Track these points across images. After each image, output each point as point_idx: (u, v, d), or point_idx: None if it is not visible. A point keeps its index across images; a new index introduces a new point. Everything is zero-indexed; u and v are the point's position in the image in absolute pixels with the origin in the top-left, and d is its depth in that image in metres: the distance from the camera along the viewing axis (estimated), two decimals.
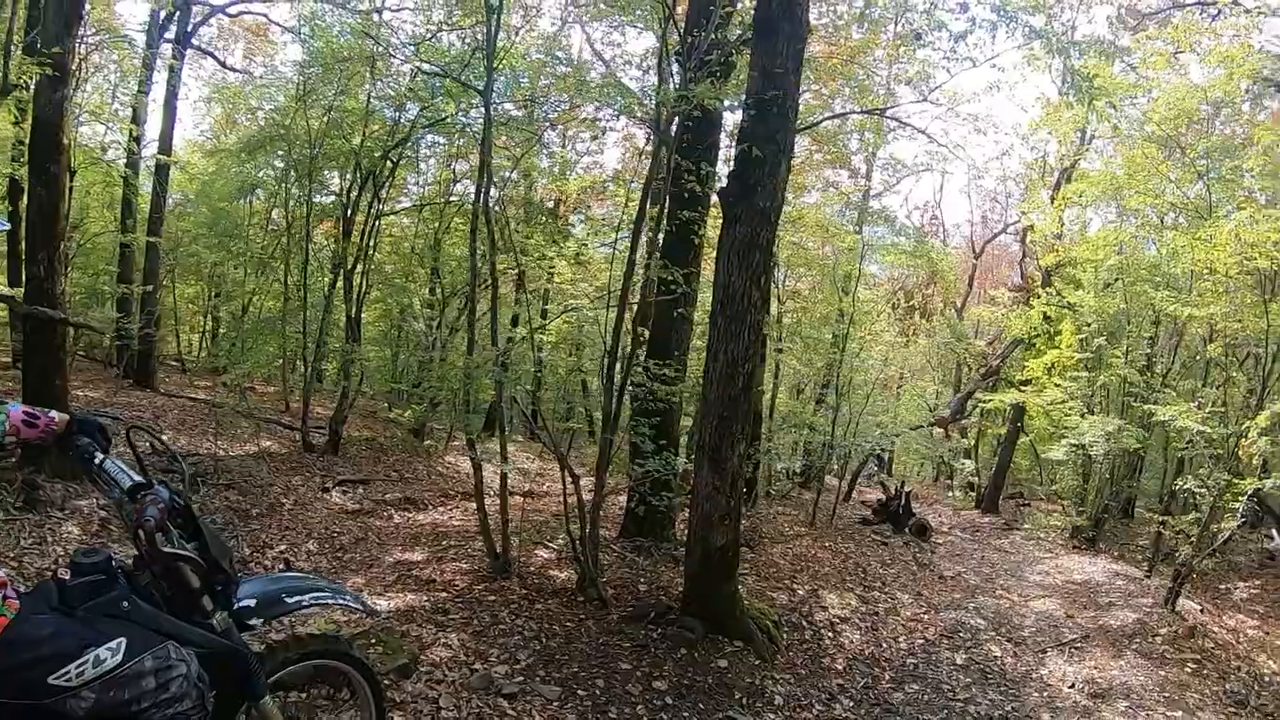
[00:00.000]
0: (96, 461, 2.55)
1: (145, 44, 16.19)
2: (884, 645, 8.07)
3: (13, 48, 7.68)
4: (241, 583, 2.70)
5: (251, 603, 2.68)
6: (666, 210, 7.58)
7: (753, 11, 6.91)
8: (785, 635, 7.52)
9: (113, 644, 2.12)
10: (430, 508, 10.72)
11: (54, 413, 2.57)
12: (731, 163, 6.56)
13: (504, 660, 5.82)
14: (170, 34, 16.34)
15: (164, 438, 10.39)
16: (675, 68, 7.71)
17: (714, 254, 7.68)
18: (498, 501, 7.65)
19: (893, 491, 15.92)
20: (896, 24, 12.94)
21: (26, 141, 10.10)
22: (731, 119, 9.22)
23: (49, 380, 7.92)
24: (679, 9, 9.07)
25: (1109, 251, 15.90)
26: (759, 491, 13.92)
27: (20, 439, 2.51)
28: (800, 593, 9.14)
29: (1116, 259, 15.89)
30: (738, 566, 6.93)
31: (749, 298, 5.99)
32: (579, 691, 5.57)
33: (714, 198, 8.14)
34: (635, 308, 7.51)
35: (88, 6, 10.69)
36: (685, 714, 5.66)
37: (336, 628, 5.60)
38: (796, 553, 11.32)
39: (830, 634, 8.03)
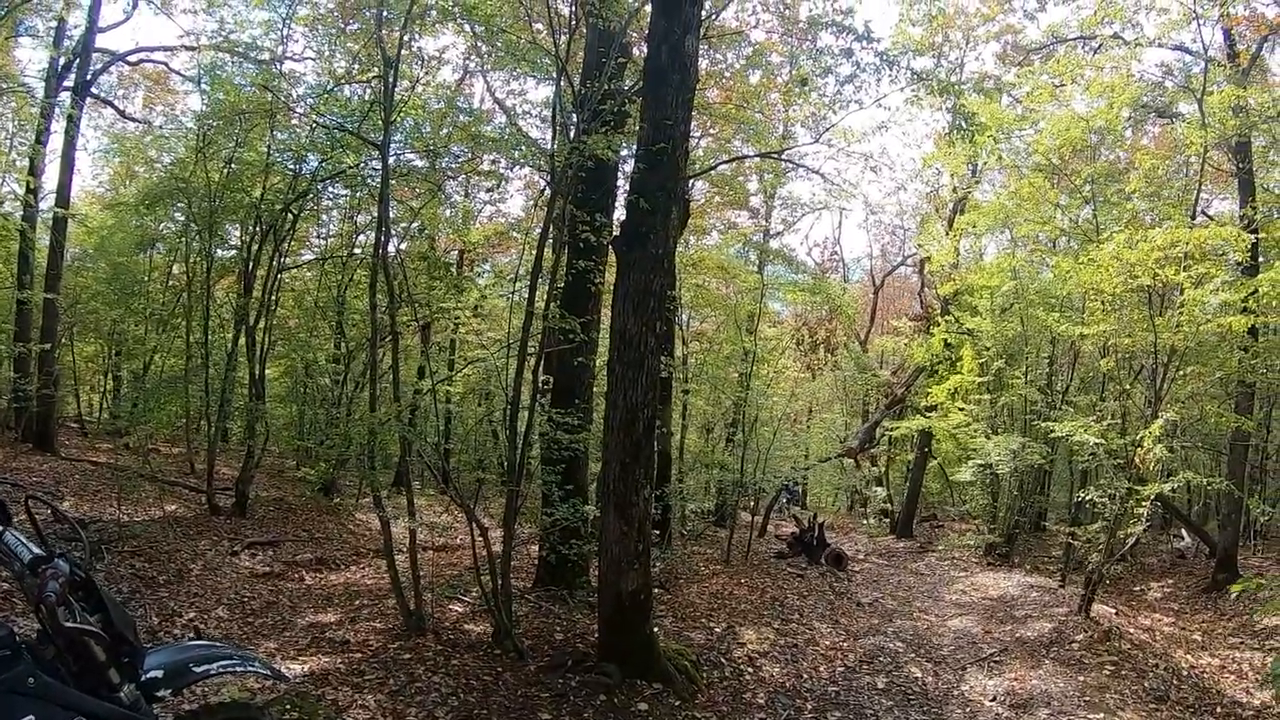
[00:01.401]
0: None
1: (44, 92, 15.66)
2: (804, 676, 8.13)
3: None
4: (148, 653, 2.64)
5: (159, 674, 2.63)
6: (564, 259, 7.65)
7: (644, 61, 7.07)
8: (705, 674, 7.54)
9: None
10: (342, 567, 10.52)
11: None
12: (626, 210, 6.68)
13: (422, 718, 5.74)
14: (69, 82, 15.85)
15: (63, 506, 10.00)
16: (573, 117, 7.84)
17: (611, 300, 7.78)
18: (410, 558, 7.55)
19: (806, 524, 16.17)
20: (791, 68, 13.35)
21: None
22: (629, 165, 9.39)
23: None
24: (576, 57, 9.23)
25: (1004, 278, 16.56)
26: (672, 532, 13.99)
27: None
28: (718, 630, 9.20)
29: (1011, 284, 16.55)
30: (652, 609, 6.96)
31: (645, 344, 6.07)
32: None
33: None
34: (536, 357, 7.53)
35: None
36: None
37: (250, 695, 5.47)
38: (712, 591, 11.39)
39: (750, 669, 8.08)
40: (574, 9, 8.26)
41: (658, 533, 11.65)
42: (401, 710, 5.82)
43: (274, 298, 13.58)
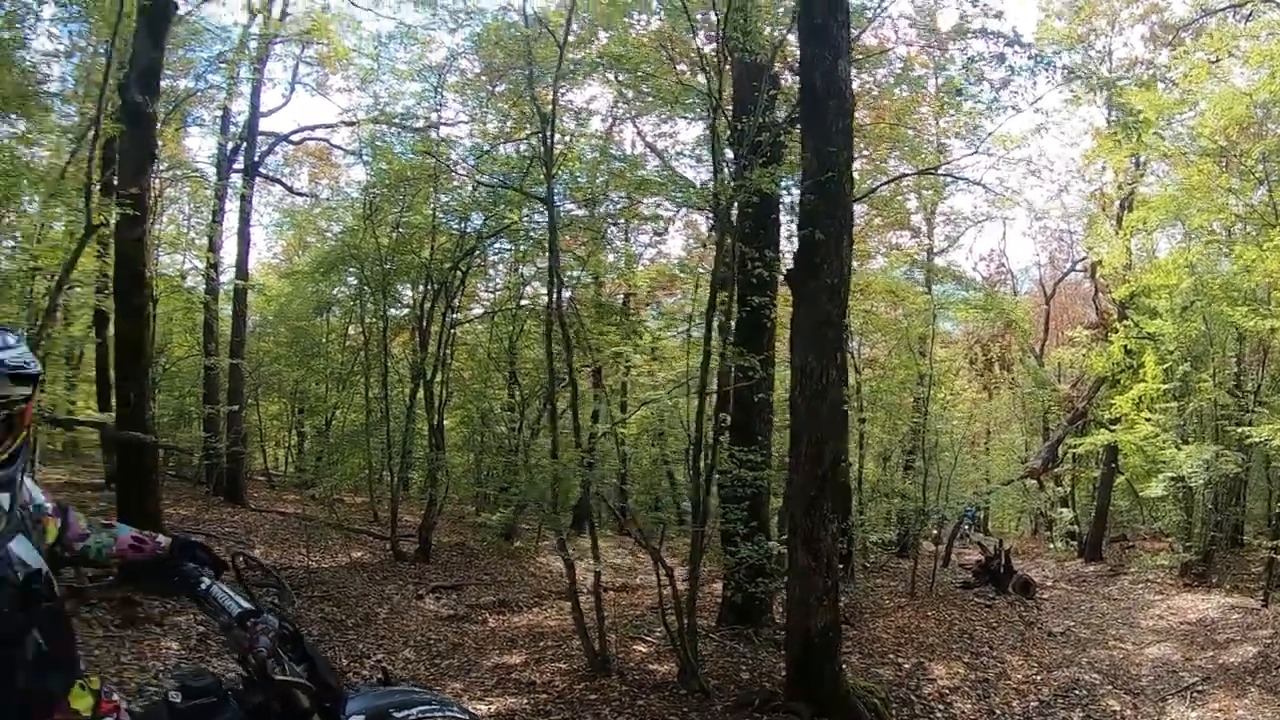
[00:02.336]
0: (203, 586, 2.57)
1: (216, 175, 17.30)
2: (997, 712, 7.74)
3: (93, 188, 8.25)
4: (349, 699, 2.74)
5: (360, 719, 2.64)
6: (736, 296, 7.68)
7: (797, 90, 7.05)
8: (894, 711, 7.26)
9: None
10: (524, 609, 10.75)
11: (161, 537, 2.62)
12: (794, 240, 6.65)
13: None
14: (239, 164, 17.39)
15: (255, 553, 10.64)
16: (728, 154, 7.89)
17: (785, 334, 7.72)
18: (591, 599, 7.64)
19: (991, 551, 15.42)
20: (936, 79, 13.06)
21: (110, 274, 10.83)
22: (788, 196, 9.35)
23: (143, 502, 8.35)
24: (724, 93, 9.31)
25: (1181, 274, 15.52)
26: (855, 566, 13.61)
27: (125, 561, 2.56)
28: (906, 666, 8.89)
29: (1190, 281, 15.48)
30: (840, 646, 6.80)
31: (826, 376, 6.02)
32: None
33: (780, 278, 8.22)
34: (717, 395, 7.56)
35: (159, 144, 11.47)
36: None
37: None
38: (899, 625, 11.03)
39: (941, 706, 7.76)
40: (719, 45, 8.33)
41: (841, 566, 11.41)
42: None
43: (449, 351, 14.31)
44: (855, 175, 13.48)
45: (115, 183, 9.01)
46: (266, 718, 2.31)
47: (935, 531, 17.91)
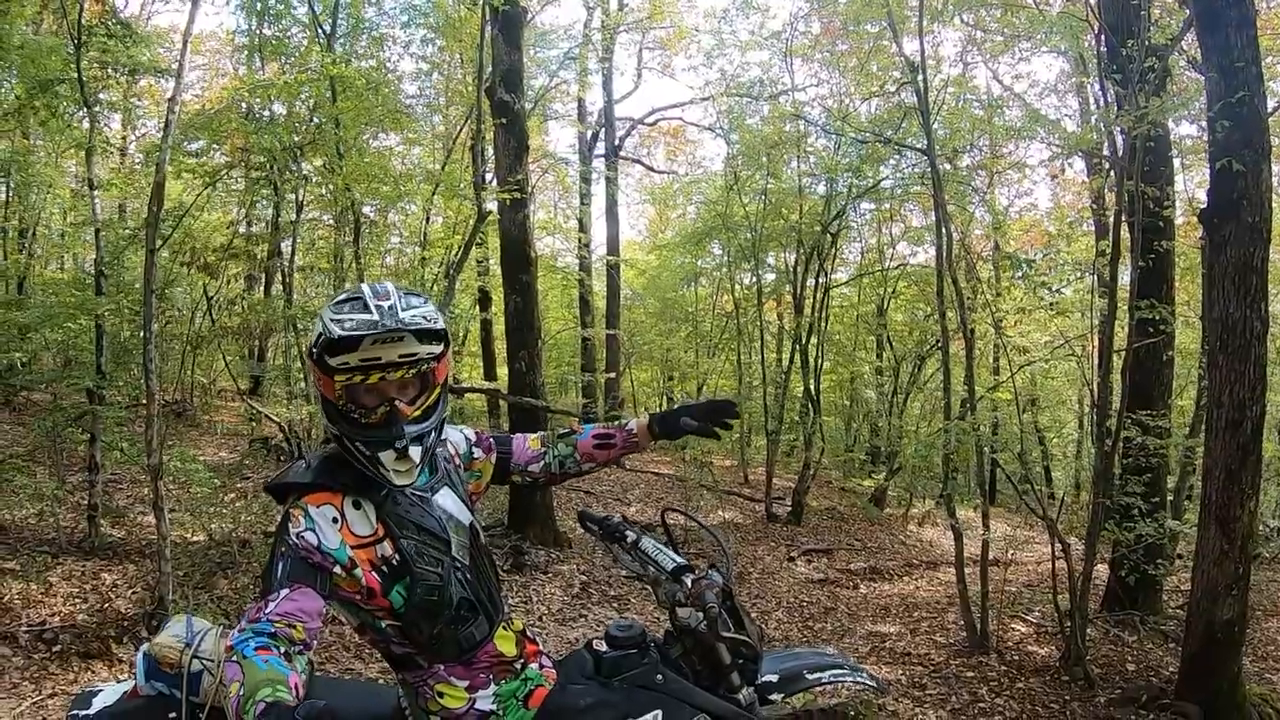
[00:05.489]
0: (631, 538, 2.65)
1: (579, 161, 18.97)
2: None
3: (480, 181, 9.24)
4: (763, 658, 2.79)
5: (774, 678, 2.69)
6: (1140, 242, 6.94)
7: (1191, 6, 6.17)
8: None
9: (648, 716, 2.23)
10: (896, 578, 10.53)
11: (631, 422, 2.64)
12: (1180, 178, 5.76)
13: None
14: (599, 150, 18.99)
15: (630, 511, 11.37)
16: (1100, 85, 7.11)
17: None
18: (980, 571, 7.29)
19: None
20: None
21: (493, 259, 12.48)
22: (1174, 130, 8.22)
23: None
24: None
25: None
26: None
27: (597, 463, 2.61)
28: None
29: None
30: (1243, 644, 5.93)
31: (1250, 329, 5.24)
32: None
33: (1178, 222, 7.24)
34: (1125, 354, 6.91)
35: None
36: None
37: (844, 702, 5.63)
38: None
39: None
40: None
41: None
42: None
43: (822, 315, 14.47)
44: None
45: (489, 176, 10.06)
46: (686, 669, 2.40)
47: None
